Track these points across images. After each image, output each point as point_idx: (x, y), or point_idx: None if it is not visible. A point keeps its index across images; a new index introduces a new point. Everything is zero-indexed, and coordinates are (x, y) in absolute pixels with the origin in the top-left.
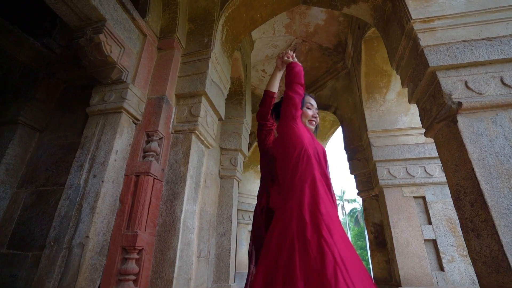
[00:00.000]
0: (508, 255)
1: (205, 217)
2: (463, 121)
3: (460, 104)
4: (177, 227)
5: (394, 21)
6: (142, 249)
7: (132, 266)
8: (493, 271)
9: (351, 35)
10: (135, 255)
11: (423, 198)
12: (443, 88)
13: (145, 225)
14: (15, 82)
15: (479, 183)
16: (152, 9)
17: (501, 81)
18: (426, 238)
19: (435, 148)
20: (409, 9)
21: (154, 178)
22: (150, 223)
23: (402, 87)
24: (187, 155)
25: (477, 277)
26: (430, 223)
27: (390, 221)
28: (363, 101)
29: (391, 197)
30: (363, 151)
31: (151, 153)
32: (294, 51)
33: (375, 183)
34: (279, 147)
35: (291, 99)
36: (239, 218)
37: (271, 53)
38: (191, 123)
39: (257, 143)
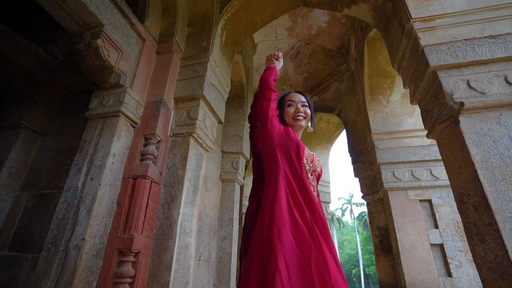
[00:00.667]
0: None
1: (206, 220)
2: (465, 122)
3: (462, 104)
4: (174, 230)
5: (394, 21)
6: (138, 252)
7: (128, 269)
8: (498, 277)
9: (354, 36)
10: (131, 258)
11: (429, 201)
12: (444, 88)
13: (141, 228)
14: (18, 87)
15: (482, 186)
16: (151, 14)
17: (505, 80)
18: (432, 242)
19: None
20: (409, 9)
21: (151, 181)
22: (147, 226)
23: (404, 88)
24: (185, 158)
25: (483, 284)
26: (436, 227)
27: (395, 225)
28: (366, 103)
29: (396, 201)
30: (367, 153)
31: (149, 156)
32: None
33: (380, 186)
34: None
35: (259, 106)
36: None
37: None
38: (189, 126)
39: None
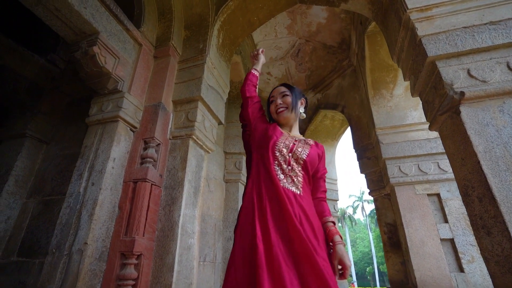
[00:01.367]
0: None
1: (210, 221)
2: (467, 112)
3: (462, 93)
4: (175, 231)
5: (391, 13)
6: (140, 254)
7: (130, 271)
8: (506, 271)
9: (354, 31)
10: (133, 260)
11: (438, 195)
12: (443, 78)
13: (143, 231)
14: (22, 97)
15: (486, 177)
16: (147, 19)
17: (508, 66)
18: (442, 237)
19: None
20: None
21: (151, 184)
22: (148, 228)
23: (404, 81)
24: (184, 160)
25: (491, 278)
26: (446, 221)
27: (403, 221)
28: (369, 97)
29: (403, 196)
30: (372, 149)
31: (148, 160)
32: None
33: (386, 181)
34: None
35: (241, 116)
36: None
37: (275, 55)
38: (188, 128)
39: None
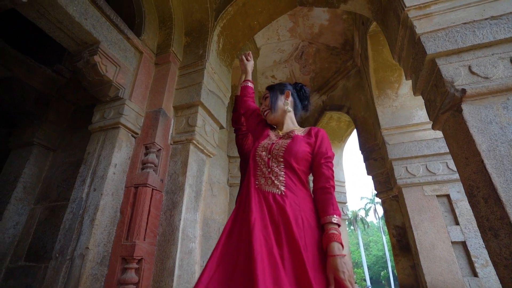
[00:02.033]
0: None
1: (213, 225)
2: (469, 109)
3: (464, 91)
4: (176, 236)
5: (390, 12)
6: (141, 258)
7: (131, 275)
8: None
9: (357, 32)
10: (134, 265)
11: (447, 196)
12: (444, 75)
13: (144, 235)
14: (30, 107)
15: (490, 176)
16: (147, 27)
17: (511, 61)
18: (453, 240)
19: None
20: None
21: (152, 188)
22: (149, 233)
23: (406, 79)
24: (185, 164)
25: (501, 283)
26: (457, 223)
27: (411, 223)
28: (374, 98)
29: (411, 197)
30: (378, 150)
31: (149, 165)
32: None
33: (393, 183)
34: None
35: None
36: None
37: (279, 59)
38: (189, 133)
39: None
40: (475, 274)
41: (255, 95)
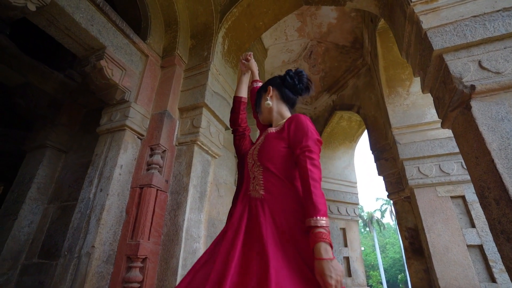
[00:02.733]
0: None
1: (220, 226)
2: (478, 106)
3: (473, 87)
4: (179, 236)
5: (397, 7)
6: (145, 258)
7: (135, 274)
8: None
9: (366, 29)
10: (138, 264)
11: (463, 197)
12: (451, 71)
13: (148, 235)
14: (43, 111)
15: (501, 177)
16: (153, 31)
17: None
18: (469, 243)
19: None
20: None
21: (157, 189)
22: (154, 232)
23: (414, 77)
24: (189, 165)
25: None
26: (473, 226)
27: (424, 225)
28: (384, 96)
29: (423, 198)
30: (389, 150)
31: (154, 166)
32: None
33: (405, 183)
34: None
35: None
36: None
37: (287, 59)
38: (193, 134)
39: None
40: (493, 279)
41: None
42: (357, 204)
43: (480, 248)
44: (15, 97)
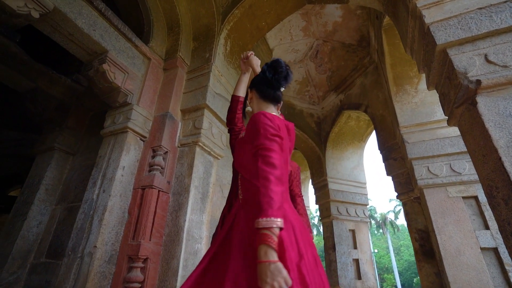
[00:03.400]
0: None
1: None
2: (484, 102)
3: (478, 82)
4: (180, 236)
5: (400, 3)
6: (147, 258)
7: (137, 274)
8: None
9: (372, 27)
10: (140, 264)
11: (475, 198)
12: (456, 66)
13: (149, 235)
14: (52, 115)
15: (509, 176)
16: (155, 34)
17: None
18: (483, 246)
19: None
20: None
21: (158, 190)
22: (155, 233)
23: (419, 73)
24: (191, 166)
25: None
26: (487, 227)
27: (434, 227)
28: (392, 94)
29: (433, 199)
30: (398, 149)
31: (156, 167)
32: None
33: (414, 183)
34: None
35: None
36: None
37: (293, 59)
38: (195, 136)
39: None
40: (509, 284)
41: None
42: (367, 205)
43: (495, 251)
44: (25, 102)
